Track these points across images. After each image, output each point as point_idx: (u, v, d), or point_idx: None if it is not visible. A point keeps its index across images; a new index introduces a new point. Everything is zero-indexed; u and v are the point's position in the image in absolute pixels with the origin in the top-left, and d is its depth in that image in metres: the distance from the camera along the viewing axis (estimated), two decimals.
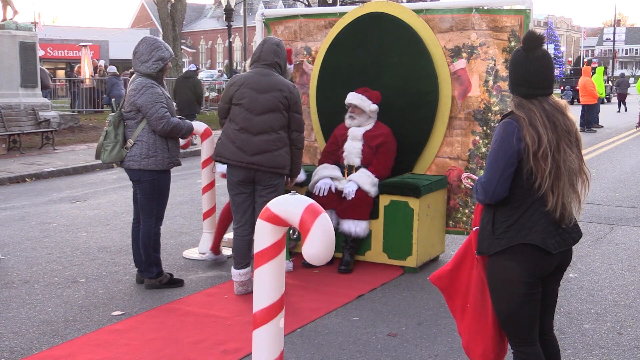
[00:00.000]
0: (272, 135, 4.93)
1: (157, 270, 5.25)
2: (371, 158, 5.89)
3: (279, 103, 4.94)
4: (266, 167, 4.93)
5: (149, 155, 5.09)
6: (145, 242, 5.19)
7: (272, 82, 4.98)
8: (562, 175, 2.80)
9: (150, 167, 5.09)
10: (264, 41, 5.18)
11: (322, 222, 2.61)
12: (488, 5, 5.84)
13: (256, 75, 5.02)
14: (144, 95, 5.04)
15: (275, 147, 4.94)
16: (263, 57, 5.08)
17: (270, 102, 4.92)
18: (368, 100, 5.91)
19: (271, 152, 4.92)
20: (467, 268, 3.20)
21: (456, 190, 6.01)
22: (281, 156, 4.97)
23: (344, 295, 5.14)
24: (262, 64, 5.07)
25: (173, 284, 5.32)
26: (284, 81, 5.03)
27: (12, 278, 5.62)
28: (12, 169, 11.46)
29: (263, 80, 4.98)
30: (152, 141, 5.09)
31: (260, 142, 4.91)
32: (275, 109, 4.93)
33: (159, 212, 5.26)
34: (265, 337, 2.78)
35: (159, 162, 5.11)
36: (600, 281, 5.57)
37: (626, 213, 8.23)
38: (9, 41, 15.11)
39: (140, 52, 5.18)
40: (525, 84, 2.86)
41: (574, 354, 4.10)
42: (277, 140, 4.95)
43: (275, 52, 5.09)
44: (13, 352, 4.12)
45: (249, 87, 4.97)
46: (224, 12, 24.22)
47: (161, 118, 5.02)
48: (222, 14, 28.41)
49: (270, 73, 5.03)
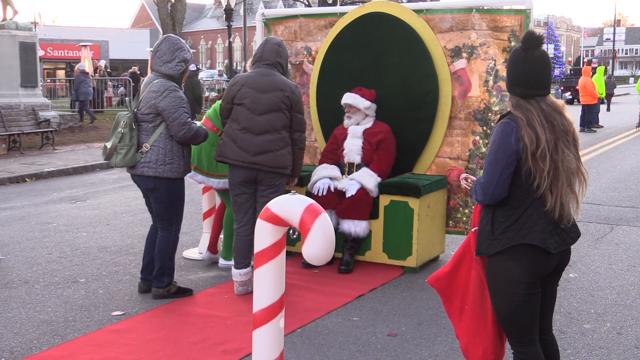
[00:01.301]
0: (274, 135, 4.93)
1: (168, 280, 5.03)
2: (371, 155, 5.90)
3: (280, 103, 4.93)
4: (268, 167, 4.92)
5: (166, 162, 4.84)
6: (162, 250, 4.96)
7: (274, 81, 4.97)
8: (561, 175, 2.80)
9: (166, 174, 4.85)
10: (266, 41, 5.17)
11: (322, 222, 2.62)
12: (488, 5, 5.84)
13: (258, 75, 5.01)
14: (167, 98, 4.79)
15: (278, 147, 4.93)
16: (265, 57, 5.07)
17: (272, 101, 4.92)
18: (361, 98, 5.98)
19: (273, 151, 4.91)
20: (465, 269, 3.20)
21: (456, 190, 6.01)
22: (283, 156, 4.96)
23: (344, 295, 5.14)
24: (264, 64, 5.06)
25: (181, 294, 5.08)
26: (286, 81, 5.03)
27: (12, 278, 5.62)
28: (12, 169, 11.46)
29: (265, 80, 4.97)
30: (169, 147, 4.85)
31: (262, 142, 4.90)
32: (277, 108, 4.93)
33: (179, 219, 5.09)
34: (265, 337, 2.78)
35: (175, 169, 4.89)
36: (600, 281, 5.57)
37: (626, 213, 8.23)
38: (9, 41, 15.12)
39: (163, 51, 4.91)
40: (523, 83, 2.86)
41: (574, 354, 4.10)
42: (279, 140, 4.94)
43: (277, 52, 5.08)
44: (13, 352, 4.12)
45: (251, 87, 4.96)
46: (224, 12, 24.22)
47: (184, 124, 4.78)
48: (222, 14, 28.40)
49: (272, 73, 5.02)
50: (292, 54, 6.73)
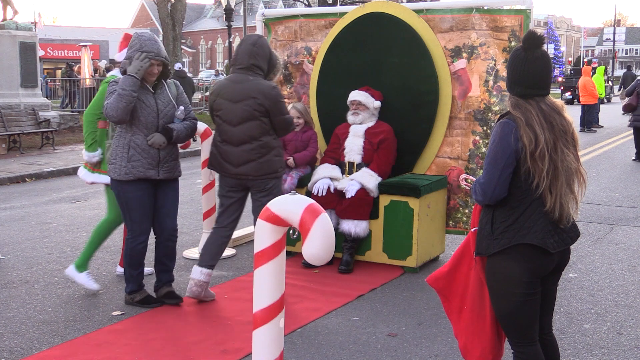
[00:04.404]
0: (254, 143, 4.74)
1: (131, 287, 4.84)
2: (372, 155, 5.91)
3: (254, 111, 4.70)
4: (254, 176, 4.79)
5: (110, 161, 4.75)
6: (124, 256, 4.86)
7: (245, 89, 4.72)
8: (560, 175, 2.80)
9: (110, 174, 4.73)
10: (241, 42, 4.93)
11: (322, 222, 2.61)
12: (488, 5, 5.85)
13: (230, 84, 4.80)
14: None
15: (260, 155, 4.75)
16: (238, 60, 4.82)
17: (245, 111, 4.70)
18: (372, 97, 5.98)
19: (256, 160, 4.74)
20: (464, 269, 3.20)
21: (456, 190, 6.02)
22: (268, 162, 4.78)
23: (344, 295, 5.13)
24: (237, 69, 4.82)
25: (147, 304, 4.84)
26: (258, 86, 4.72)
27: (12, 278, 5.62)
28: (12, 169, 11.46)
29: (237, 88, 4.75)
30: (114, 146, 4.72)
31: (242, 153, 4.74)
32: (251, 117, 4.71)
33: (132, 227, 4.73)
34: (265, 337, 2.78)
35: (116, 170, 4.65)
36: (600, 281, 5.57)
37: (626, 213, 8.23)
38: (9, 41, 15.12)
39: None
40: (523, 83, 2.86)
41: (574, 354, 4.10)
42: (261, 148, 4.75)
43: (251, 53, 4.77)
44: (13, 352, 4.12)
45: (224, 97, 4.80)
46: (224, 12, 24.22)
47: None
48: (222, 14, 28.41)
49: (245, 79, 4.76)
50: (292, 54, 6.73)
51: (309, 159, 6.12)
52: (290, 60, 6.72)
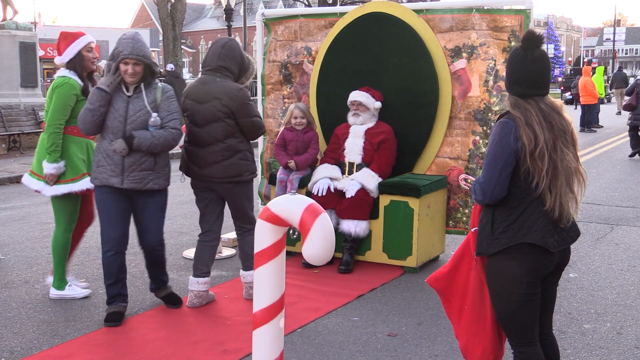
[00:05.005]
0: (219, 145, 4.69)
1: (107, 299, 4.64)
2: (372, 155, 5.91)
3: (218, 112, 4.65)
4: (218, 178, 4.75)
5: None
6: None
7: (211, 90, 4.69)
8: (560, 174, 2.80)
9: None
10: (212, 44, 4.93)
11: (322, 222, 2.61)
12: (488, 5, 5.85)
13: (198, 85, 4.80)
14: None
15: (224, 157, 4.70)
16: (207, 62, 4.81)
17: (209, 112, 4.67)
18: (372, 98, 5.98)
19: (220, 162, 4.70)
20: (464, 269, 3.20)
21: (456, 190, 6.02)
22: (232, 165, 4.73)
23: (344, 295, 5.14)
24: (206, 70, 4.81)
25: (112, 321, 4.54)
26: (224, 88, 4.69)
27: (12, 278, 5.62)
28: (12, 169, 11.46)
29: (203, 89, 4.73)
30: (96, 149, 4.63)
31: (207, 155, 4.71)
32: (216, 118, 4.67)
33: (101, 234, 4.55)
34: (265, 337, 2.77)
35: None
36: (600, 281, 5.57)
37: (626, 213, 8.23)
38: (9, 41, 15.12)
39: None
40: (523, 83, 2.86)
41: (574, 354, 4.10)
42: (225, 150, 4.70)
43: (219, 55, 4.75)
44: (13, 352, 4.12)
45: (191, 98, 4.78)
46: (224, 12, 24.20)
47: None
48: (222, 14, 28.39)
49: (212, 80, 4.73)
50: (292, 54, 6.73)
51: (310, 162, 6.12)
52: (290, 60, 6.72)
